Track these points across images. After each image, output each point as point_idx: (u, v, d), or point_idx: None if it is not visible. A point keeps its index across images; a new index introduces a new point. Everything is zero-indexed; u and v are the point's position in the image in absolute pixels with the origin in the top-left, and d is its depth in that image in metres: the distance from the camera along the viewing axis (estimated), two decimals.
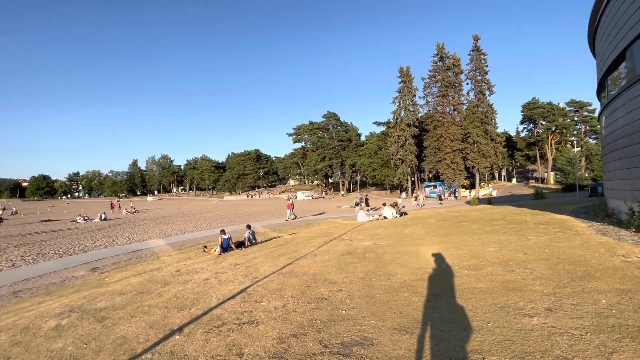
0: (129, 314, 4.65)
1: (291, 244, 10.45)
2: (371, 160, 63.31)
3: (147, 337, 3.73)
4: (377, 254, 7.33)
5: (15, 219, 34.37)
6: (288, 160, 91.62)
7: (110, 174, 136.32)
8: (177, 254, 11.11)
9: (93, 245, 14.91)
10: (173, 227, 21.65)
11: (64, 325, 4.46)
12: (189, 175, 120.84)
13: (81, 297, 6.10)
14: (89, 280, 8.10)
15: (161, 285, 6.29)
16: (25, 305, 6.17)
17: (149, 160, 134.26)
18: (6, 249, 14.40)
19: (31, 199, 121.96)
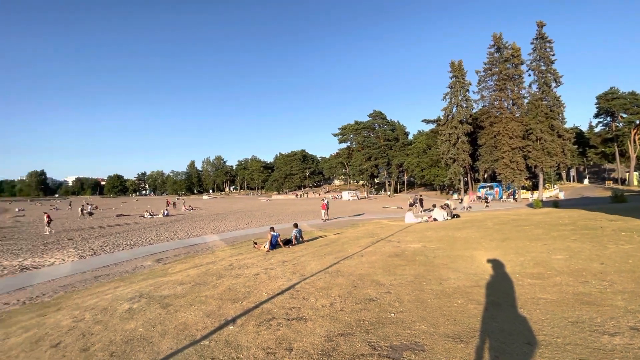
0: (189, 302, 5.03)
1: (337, 244, 10.47)
2: (419, 159, 60.88)
3: (205, 325, 4.00)
4: (428, 257, 7.02)
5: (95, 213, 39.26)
6: (333, 160, 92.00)
7: (171, 174, 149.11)
8: (230, 249, 11.77)
9: (157, 238, 16.42)
10: (226, 223, 22.98)
11: (135, 308, 4.97)
12: (240, 175, 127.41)
13: (148, 284, 6.75)
14: (154, 270, 8.93)
15: (216, 278, 6.71)
16: (104, 289, 7.01)
17: (205, 161, 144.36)
18: (89, 239, 16.50)
19: (108, 196, 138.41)
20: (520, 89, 41.43)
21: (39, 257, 11.97)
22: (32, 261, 11.30)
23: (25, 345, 3.97)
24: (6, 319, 5.45)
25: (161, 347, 3.49)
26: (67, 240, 16.54)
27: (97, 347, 3.65)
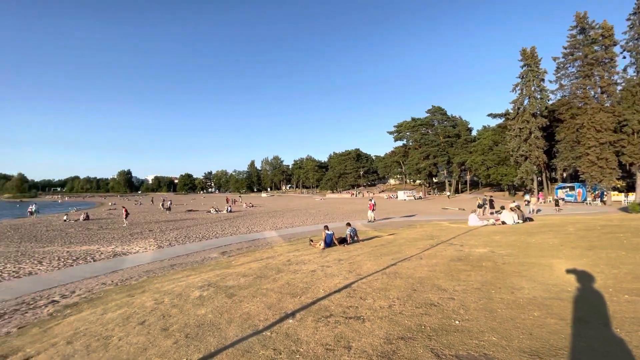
0: (251, 294, 5.33)
1: (393, 245, 10.18)
2: (484, 157, 56.13)
3: (266, 317, 4.20)
4: (496, 264, 6.44)
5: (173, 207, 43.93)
6: (388, 159, 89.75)
7: (234, 173, 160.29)
8: (287, 245, 12.20)
9: (222, 232, 17.75)
10: (283, 221, 23.90)
11: (204, 296, 5.43)
12: (296, 174, 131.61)
13: (215, 275, 7.32)
14: (220, 261, 9.66)
15: (275, 272, 7.01)
16: (178, 276, 7.80)
17: (264, 160, 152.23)
18: (165, 231, 18.51)
19: (180, 193, 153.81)
20: (612, 74, 35.64)
21: (127, 245, 13.78)
22: (122, 249, 13.06)
23: (119, 320, 4.59)
24: (104, 296, 6.37)
25: (228, 333, 3.75)
26: (148, 231, 18.78)
27: (175, 328, 4.06)
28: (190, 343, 3.55)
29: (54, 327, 4.68)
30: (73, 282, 8.06)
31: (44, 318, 5.34)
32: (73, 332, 4.30)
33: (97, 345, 3.74)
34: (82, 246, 13.93)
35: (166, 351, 3.40)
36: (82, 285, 7.69)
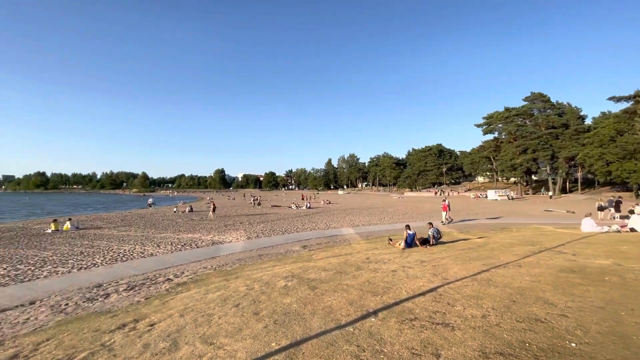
0: (332, 288, 5.44)
1: (484, 249, 9.19)
2: (603, 150, 46.32)
3: (348, 313, 4.22)
4: (625, 280, 5.26)
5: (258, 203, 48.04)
6: (476, 155, 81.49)
7: (312, 171, 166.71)
8: (365, 243, 12.12)
9: (302, 227, 18.60)
10: (360, 218, 23.85)
11: (289, 286, 5.75)
12: (372, 172, 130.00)
13: (298, 267, 7.69)
14: (302, 254, 10.14)
15: (355, 269, 7.02)
16: (265, 266, 8.44)
17: (340, 158, 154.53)
18: (253, 224, 20.28)
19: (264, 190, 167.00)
20: None
21: (222, 235, 15.54)
22: (218, 238, 14.78)
23: (218, 301, 5.19)
24: (206, 279, 7.29)
25: (312, 324, 3.89)
26: (239, 224, 20.86)
27: (264, 313, 4.40)
28: (278, 329, 3.79)
29: (169, 301, 5.55)
30: (182, 264, 9.45)
31: (162, 292, 6.37)
32: (184, 307, 5.02)
33: (202, 321, 4.29)
34: (188, 234, 16.23)
35: (258, 334, 3.70)
36: (189, 267, 8.96)
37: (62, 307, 5.77)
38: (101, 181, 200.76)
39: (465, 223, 19.12)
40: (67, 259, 10.59)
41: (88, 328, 4.42)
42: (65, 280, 7.90)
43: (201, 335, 3.79)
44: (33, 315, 5.43)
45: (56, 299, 6.29)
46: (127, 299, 6.07)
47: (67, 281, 7.75)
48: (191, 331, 3.94)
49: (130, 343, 3.73)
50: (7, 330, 4.73)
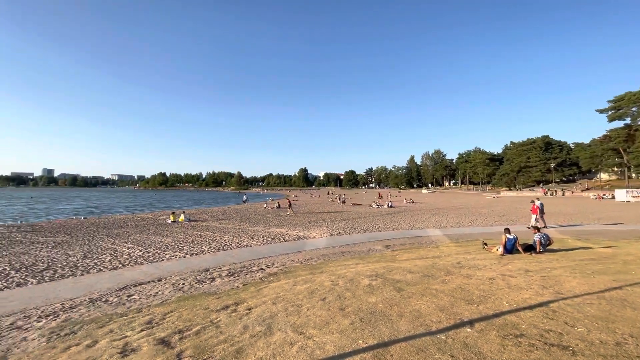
0: (420, 292, 5.16)
1: (613, 261, 7.51)
2: None
3: (439, 319, 3.95)
4: None
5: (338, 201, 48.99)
6: (597, 147, 67.43)
7: (393, 169, 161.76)
8: (455, 246, 11.18)
9: (384, 226, 18.21)
10: (447, 219, 22.14)
11: (373, 285, 5.68)
12: (461, 169, 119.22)
13: (381, 266, 7.55)
14: (385, 254, 9.92)
15: (444, 273, 6.53)
16: (348, 263, 8.53)
17: (424, 155, 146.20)
18: (335, 221, 20.73)
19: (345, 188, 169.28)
20: None
21: (307, 231, 16.31)
22: (303, 233, 15.56)
23: (306, 293, 5.45)
24: (294, 271, 7.75)
25: (399, 326, 3.76)
26: (321, 220, 21.59)
27: (350, 310, 4.43)
28: (365, 327, 3.78)
29: (263, 289, 6.07)
30: (272, 256, 10.25)
31: (256, 280, 7.01)
32: (275, 296, 5.42)
33: (292, 310, 4.57)
34: (277, 228, 17.53)
35: (344, 329, 3.75)
36: (278, 259, 9.66)
37: (180, 285, 6.86)
38: (206, 180, 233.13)
39: (582, 229, 15.97)
40: (182, 245, 12.55)
41: (200, 306, 5.15)
42: (182, 263, 9.38)
43: (292, 323, 4.03)
44: (160, 290, 6.59)
45: (176, 279, 7.51)
46: (229, 283, 6.87)
47: (183, 264, 9.18)
48: (283, 319, 4.23)
49: (232, 323, 4.20)
50: (144, 300, 5.85)
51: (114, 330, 4.26)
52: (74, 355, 3.53)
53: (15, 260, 10.11)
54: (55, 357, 3.53)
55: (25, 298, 6.39)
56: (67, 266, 9.28)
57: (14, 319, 5.23)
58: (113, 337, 4.01)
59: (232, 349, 3.38)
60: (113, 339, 3.91)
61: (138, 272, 8.38)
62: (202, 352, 3.36)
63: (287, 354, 3.21)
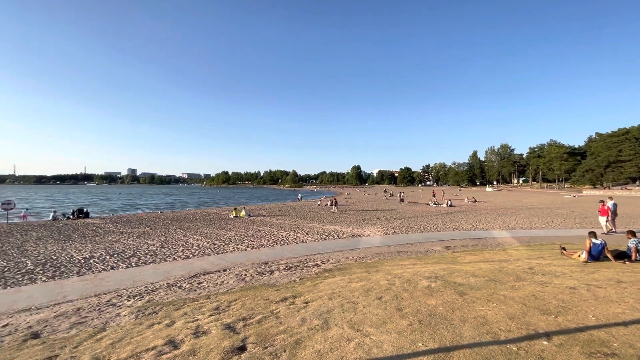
0: (485, 297, 4.80)
1: None
2: None
3: (508, 328, 3.62)
4: None
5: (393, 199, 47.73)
6: None
7: (453, 165, 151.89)
8: (526, 249, 10.14)
9: (443, 226, 17.26)
10: (516, 220, 20.17)
11: (433, 287, 5.43)
12: (533, 165, 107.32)
13: (441, 268, 7.17)
14: (444, 255, 9.41)
15: (514, 279, 5.97)
16: (404, 263, 8.27)
17: (489, 150, 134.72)
18: (389, 219, 20.24)
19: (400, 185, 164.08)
20: None
21: (360, 229, 16.20)
22: (357, 231, 15.50)
23: (361, 291, 5.43)
24: (348, 268, 7.78)
25: (463, 332, 3.54)
26: (375, 219, 21.26)
27: (408, 311, 4.30)
28: (424, 330, 3.63)
29: (319, 284, 6.20)
30: (327, 252, 10.40)
31: (312, 275, 7.19)
32: (331, 291, 5.50)
33: (348, 307, 4.59)
34: (330, 225, 17.73)
35: (402, 330, 3.65)
36: (333, 256, 9.77)
37: (243, 276, 7.34)
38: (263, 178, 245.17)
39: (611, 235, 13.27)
40: (244, 239, 13.39)
41: (261, 296, 5.45)
42: (244, 255, 10.02)
43: (348, 320, 4.05)
44: (225, 279, 7.13)
45: (238, 270, 8.05)
46: (286, 277, 7.15)
47: (245, 257, 9.80)
48: (339, 315, 4.27)
49: (291, 315, 4.37)
50: (211, 288, 6.39)
51: (188, 313, 4.73)
52: (156, 332, 4.00)
53: (109, 247, 11.80)
54: (142, 332, 4.04)
55: (118, 280, 7.43)
56: (149, 254, 10.54)
57: (109, 297, 6.12)
58: (187, 319, 4.46)
59: (292, 340, 3.51)
60: (187, 321, 4.35)
61: (206, 262, 9.16)
62: (264, 340, 3.56)
63: (344, 349, 3.24)
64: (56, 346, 3.77)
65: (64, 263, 9.42)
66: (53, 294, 6.47)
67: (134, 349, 3.50)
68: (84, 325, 4.59)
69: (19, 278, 7.89)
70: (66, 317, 5.03)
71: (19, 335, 4.33)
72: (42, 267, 8.99)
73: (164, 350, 3.41)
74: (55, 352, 3.56)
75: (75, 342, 3.86)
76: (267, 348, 3.34)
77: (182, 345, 3.53)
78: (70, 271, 8.47)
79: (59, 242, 13.14)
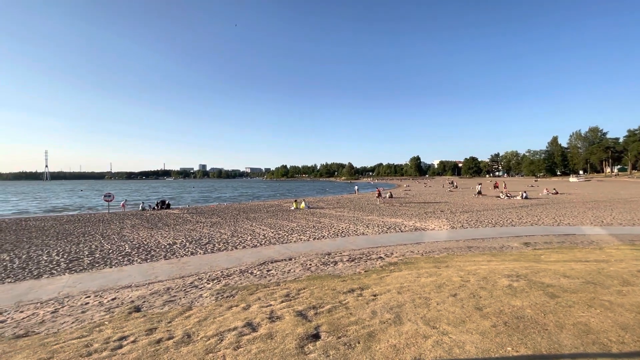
0: (585, 302, 4.17)
1: None
2: None
3: (621, 340, 3.08)
4: None
5: (458, 191, 44.69)
6: None
7: (527, 154, 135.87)
8: (630, 249, 8.63)
9: (519, 220, 15.60)
10: (613, 214, 17.32)
11: (515, 287, 4.91)
12: (632, 150, 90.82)
13: (522, 266, 6.46)
14: (524, 253, 8.48)
15: (619, 282, 5.09)
16: (477, 259, 7.65)
17: (573, 135, 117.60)
18: (455, 212, 18.97)
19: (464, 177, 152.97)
20: None
21: (424, 222, 15.47)
22: (420, 224, 14.83)
23: (432, 287, 5.15)
24: (415, 262, 7.47)
25: (561, 340, 3.11)
26: (439, 212, 20.12)
27: (489, 310, 3.94)
28: (512, 333, 3.28)
29: (385, 277, 6.05)
30: (390, 245, 10.13)
31: (377, 268, 7.06)
32: (400, 285, 5.32)
33: (420, 302, 4.38)
34: (391, 218, 17.27)
35: (486, 331, 3.35)
36: (396, 249, 9.48)
37: (308, 265, 7.52)
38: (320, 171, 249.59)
39: None
40: (305, 230, 13.75)
41: (327, 286, 5.51)
42: (307, 246, 10.28)
43: (422, 316, 3.86)
44: (292, 268, 7.38)
45: (303, 259, 8.28)
46: (350, 268, 7.14)
47: (308, 247, 10.05)
48: (411, 310, 4.10)
49: (360, 306, 4.33)
50: (280, 276, 6.67)
51: (261, 299, 4.99)
52: (235, 314, 4.30)
53: (188, 235, 13.11)
54: (223, 313, 4.38)
55: (197, 264, 8.20)
56: (221, 242, 11.44)
57: (192, 279, 6.77)
58: (261, 304, 4.70)
59: (364, 332, 3.47)
60: (261, 306, 4.59)
61: (272, 250, 9.62)
62: (337, 329, 3.57)
63: (421, 346, 3.08)
64: (154, 320, 4.28)
65: (153, 247, 10.72)
66: (147, 274, 7.40)
67: (218, 327, 3.80)
68: (174, 303, 5.15)
69: (120, 259, 9.21)
70: (159, 295, 5.71)
71: (124, 307, 5.03)
72: (137, 250, 10.36)
73: (244, 331, 3.63)
74: (154, 325, 4.04)
75: (169, 318, 4.34)
76: (340, 338, 3.35)
77: (259, 328, 3.73)
78: (159, 255, 9.60)
79: (148, 230, 15.02)
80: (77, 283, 6.85)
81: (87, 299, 5.82)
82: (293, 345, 3.22)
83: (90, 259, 9.30)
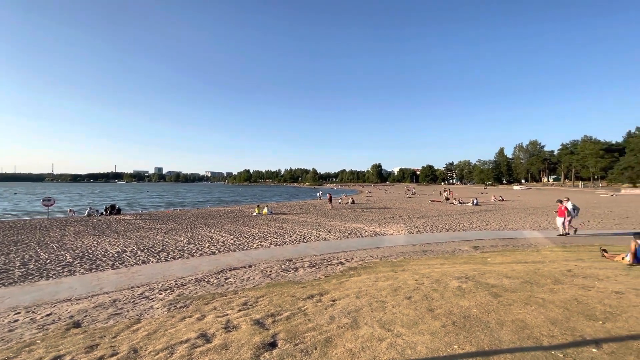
0: (522, 300, 4.56)
1: None
2: None
3: (551, 333, 3.41)
4: None
5: (415, 197, 46.79)
6: None
7: (477, 163, 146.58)
8: (562, 251, 9.61)
9: (469, 225, 16.70)
10: (548, 219, 19.21)
11: (464, 288, 5.23)
12: (565, 162, 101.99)
13: (471, 269, 6.91)
14: (473, 255, 9.09)
15: (552, 281, 5.64)
16: (431, 262, 8.05)
17: (517, 147, 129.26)
18: (413, 218, 19.83)
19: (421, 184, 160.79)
20: None
21: (383, 227, 15.97)
22: (380, 229, 15.28)
23: (389, 290, 5.32)
24: (374, 267, 7.66)
25: (501, 336, 3.37)
26: (398, 217, 20.90)
27: (440, 312, 4.16)
28: (459, 332, 3.49)
29: (344, 282, 6.13)
30: (350, 250, 10.31)
31: (337, 273, 7.13)
32: (358, 290, 5.42)
33: (376, 306, 4.50)
34: (352, 224, 17.60)
35: (436, 331, 3.53)
36: (356, 254, 9.67)
37: (268, 272, 7.40)
38: (284, 176, 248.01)
39: None
40: (267, 236, 13.54)
41: (287, 293, 5.46)
42: (267, 252, 10.12)
43: (378, 319, 3.97)
44: (251, 275, 7.21)
45: (264, 266, 8.13)
46: (311, 274, 7.14)
47: (269, 253, 9.89)
48: (368, 313, 4.19)
49: (319, 312, 4.34)
50: (238, 284, 6.48)
51: (217, 308, 4.81)
52: (189, 325, 4.09)
53: (140, 243, 12.27)
54: (175, 324, 4.15)
55: (149, 274, 7.70)
56: (177, 249, 10.87)
57: (142, 290, 6.34)
58: (217, 313, 4.53)
59: (322, 338, 3.48)
60: (217, 315, 4.42)
61: (231, 258, 9.33)
62: (294, 336, 3.54)
63: (376, 349, 3.16)
64: (96, 335, 3.93)
65: (99, 257, 9.89)
66: (91, 285, 6.80)
67: (169, 340, 3.59)
68: (121, 316, 4.78)
69: (59, 270, 8.36)
70: (104, 307, 5.26)
71: (62, 324, 4.56)
72: (79, 260, 9.48)
73: (197, 343, 3.47)
74: (95, 341, 3.71)
75: (113, 332, 4.01)
76: (297, 345, 3.33)
77: (214, 339, 3.58)
78: (105, 264, 8.87)
79: (94, 237, 13.83)
80: (5, 298, 6.10)
81: (16, 315, 5.20)
82: (249, 355, 3.14)
83: (22, 271, 8.34)
